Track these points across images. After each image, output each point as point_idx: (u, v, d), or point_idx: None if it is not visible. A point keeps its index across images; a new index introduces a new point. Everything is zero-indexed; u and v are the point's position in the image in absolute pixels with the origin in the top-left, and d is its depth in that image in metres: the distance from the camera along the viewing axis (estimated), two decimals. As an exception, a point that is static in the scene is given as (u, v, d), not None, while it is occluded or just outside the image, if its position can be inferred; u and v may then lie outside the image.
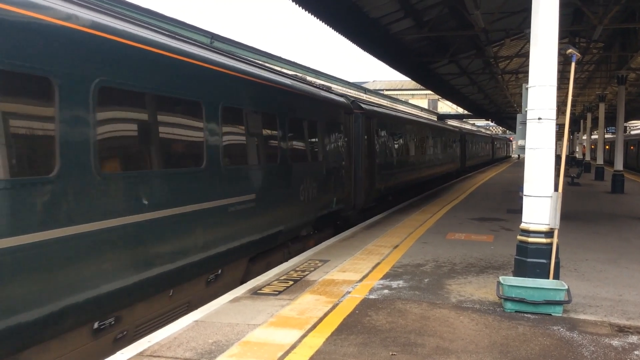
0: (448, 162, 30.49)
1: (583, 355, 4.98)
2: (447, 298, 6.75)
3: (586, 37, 19.37)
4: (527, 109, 6.75)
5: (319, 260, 8.83)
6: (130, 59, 5.71)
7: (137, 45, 5.83)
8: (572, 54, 6.80)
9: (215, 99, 7.23)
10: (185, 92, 6.67)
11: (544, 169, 6.68)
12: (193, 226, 6.70)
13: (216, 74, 7.39)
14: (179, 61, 6.58)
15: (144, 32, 6.13)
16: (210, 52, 7.63)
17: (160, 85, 6.16)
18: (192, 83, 6.82)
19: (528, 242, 6.70)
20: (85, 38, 5.07)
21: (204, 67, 7.11)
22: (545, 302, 6.12)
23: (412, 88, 54.47)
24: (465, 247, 10.03)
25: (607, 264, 8.78)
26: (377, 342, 5.22)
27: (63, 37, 4.80)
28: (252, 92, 8.41)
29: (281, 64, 20.59)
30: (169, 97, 6.33)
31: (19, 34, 4.37)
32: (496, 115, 53.25)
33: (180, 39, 7.01)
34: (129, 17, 6.20)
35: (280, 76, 9.97)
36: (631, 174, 34.14)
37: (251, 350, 5.00)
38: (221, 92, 7.43)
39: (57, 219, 4.68)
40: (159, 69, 6.19)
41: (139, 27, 6.09)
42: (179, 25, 13.89)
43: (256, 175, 8.44)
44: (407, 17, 15.64)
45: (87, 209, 5.03)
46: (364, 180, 14.25)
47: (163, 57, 6.30)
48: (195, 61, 6.96)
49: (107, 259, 5.31)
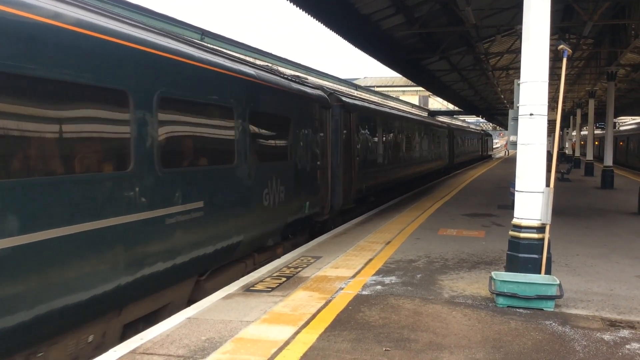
0: (435, 159, 29.24)
1: (575, 349, 5.01)
2: (439, 294, 6.76)
3: (576, 34, 19.49)
4: (518, 104, 6.77)
5: (312, 257, 8.82)
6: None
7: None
8: (564, 50, 6.82)
9: (149, 87, 5.96)
10: (100, 77, 5.26)
11: (535, 164, 6.71)
12: (110, 245, 5.34)
13: (150, 58, 6.06)
14: (90, 38, 5.17)
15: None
16: (146, 31, 6.27)
17: (56, 67, 4.76)
18: (113, 67, 5.44)
19: (520, 237, 6.73)
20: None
21: (132, 49, 5.77)
22: (537, 297, 6.14)
23: (403, 84, 54.60)
24: (457, 243, 10.06)
25: (598, 258, 8.84)
26: (371, 338, 5.22)
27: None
28: (200, 80, 7.06)
29: (272, 60, 20.53)
30: (71, 84, 4.95)
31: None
32: (487, 112, 53.51)
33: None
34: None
35: (241, 64, 8.57)
36: (620, 170, 34.38)
37: (244, 347, 4.98)
38: (157, 79, 6.13)
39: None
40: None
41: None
42: (170, 21, 13.81)
43: (205, 179, 7.09)
44: (398, 14, 15.67)
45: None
46: (342, 180, 13.09)
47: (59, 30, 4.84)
48: (115, 39, 5.51)
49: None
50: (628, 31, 18.54)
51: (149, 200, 5.92)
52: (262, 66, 10.31)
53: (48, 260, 4.64)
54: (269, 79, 9.32)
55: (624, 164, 40.64)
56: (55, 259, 4.71)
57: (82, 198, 5.01)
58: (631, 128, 41.60)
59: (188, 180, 6.71)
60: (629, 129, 42.68)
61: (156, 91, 6.07)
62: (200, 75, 7.07)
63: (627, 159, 40.72)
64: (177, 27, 13.93)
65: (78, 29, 5.07)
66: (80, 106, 5.14)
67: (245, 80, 8.27)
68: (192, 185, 6.78)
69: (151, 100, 5.98)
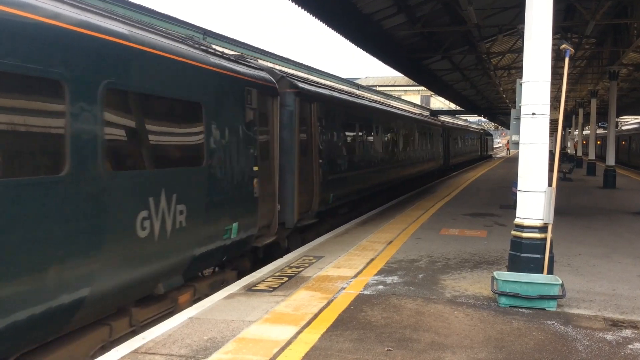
0: (427, 161, 26.10)
1: (577, 349, 5.00)
2: (441, 293, 6.75)
3: (578, 33, 19.45)
4: (521, 104, 6.76)
5: (314, 257, 8.82)
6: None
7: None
8: (566, 49, 6.80)
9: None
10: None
11: (538, 164, 6.69)
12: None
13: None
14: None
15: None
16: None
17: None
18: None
19: (522, 237, 6.71)
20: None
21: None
22: (540, 296, 6.13)
23: (404, 84, 54.56)
24: (459, 243, 10.05)
25: (600, 258, 8.82)
26: (373, 338, 5.22)
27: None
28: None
29: (274, 60, 20.54)
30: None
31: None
32: (488, 111, 53.46)
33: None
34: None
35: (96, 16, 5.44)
36: (622, 169, 34.33)
37: (246, 347, 4.98)
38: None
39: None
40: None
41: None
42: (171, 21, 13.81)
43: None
44: (400, 13, 15.67)
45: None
46: (296, 190, 10.15)
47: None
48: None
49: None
50: (630, 30, 18.52)
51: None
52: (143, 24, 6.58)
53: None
54: (155, 45, 6.23)
55: (626, 163, 40.58)
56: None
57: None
58: (633, 127, 41.54)
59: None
60: (631, 129, 42.62)
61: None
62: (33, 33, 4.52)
63: (629, 159, 40.66)
64: (180, 26, 13.92)
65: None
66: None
67: (95, 40, 5.24)
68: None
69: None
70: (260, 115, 8.83)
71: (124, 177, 5.64)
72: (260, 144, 8.81)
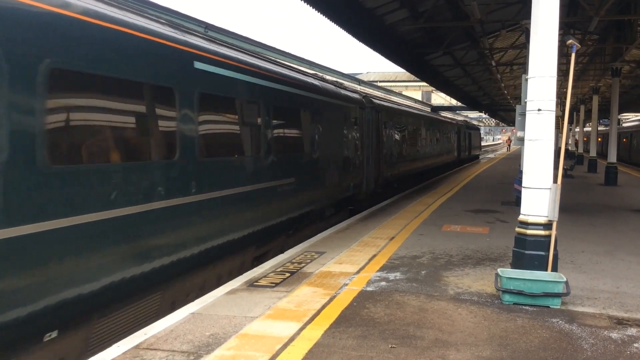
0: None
1: (582, 347, 4.96)
2: (444, 290, 6.71)
3: (581, 29, 19.34)
4: (526, 100, 6.71)
5: (315, 252, 8.78)
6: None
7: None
8: (573, 45, 6.74)
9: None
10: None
11: (543, 160, 6.65)
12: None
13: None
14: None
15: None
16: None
17: None
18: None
19: (527, 234, 6.67)
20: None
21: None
22: (544, 294, 6.09)
23: (406, 80, 54.28)
24: (462, 239, 10.01)
25: (604, 256, 8.78)
26: (376, 335, 5.18)
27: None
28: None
29: (276, 54, 20.44)
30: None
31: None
32: (490, 107, 53.30)
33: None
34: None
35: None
36: (624, 166, 34.26)
37: (249, 343, 4.94)
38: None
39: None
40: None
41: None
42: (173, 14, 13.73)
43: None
44: (402, 8, 15.55)
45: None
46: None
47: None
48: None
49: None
50: (633, 27, 18.41)
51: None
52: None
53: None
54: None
55: (627, 160, 40.53)
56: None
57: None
58: (635, 124, 41.45)
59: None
60: (632, 126, 42.54)
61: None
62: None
63: (630, 156, 40.60)
64: (182, 20, 13.83)
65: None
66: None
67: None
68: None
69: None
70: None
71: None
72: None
